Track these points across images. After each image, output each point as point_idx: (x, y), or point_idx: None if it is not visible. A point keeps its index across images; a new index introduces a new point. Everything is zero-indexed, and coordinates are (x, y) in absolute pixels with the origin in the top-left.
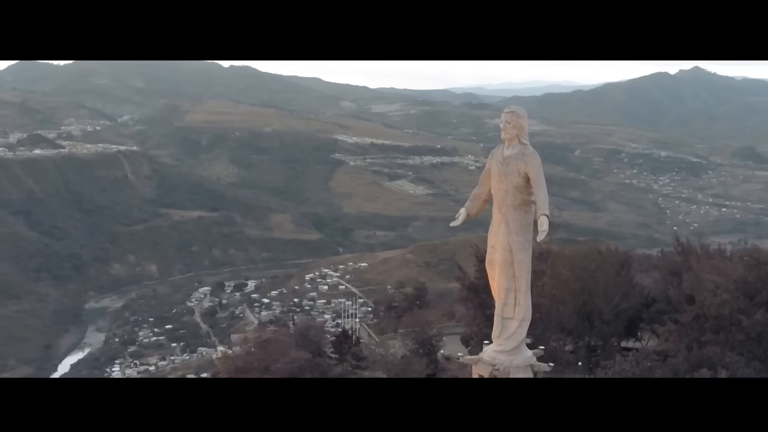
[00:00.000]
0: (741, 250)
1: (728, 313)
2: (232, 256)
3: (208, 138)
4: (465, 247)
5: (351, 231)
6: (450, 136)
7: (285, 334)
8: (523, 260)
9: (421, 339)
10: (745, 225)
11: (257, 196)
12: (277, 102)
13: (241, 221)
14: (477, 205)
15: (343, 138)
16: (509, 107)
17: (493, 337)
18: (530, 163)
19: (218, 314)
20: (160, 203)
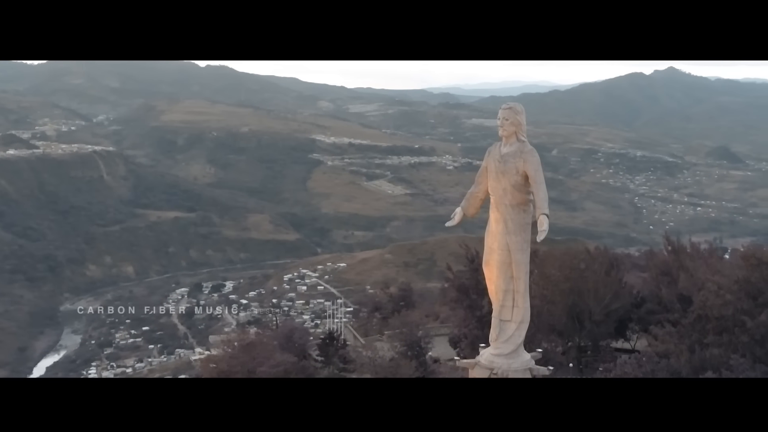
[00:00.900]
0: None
1: (731, 314)
2: (209, 257)
3: (184, 138)
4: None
5: (329, 231)
6: (428, 136)
7: (269, 337)
8: (521, 261)
9: (410, 341)
10: (720, 224)
11: (234, 196)
12: (255, 102)
13: (219, 222)
14: (473, 205)
15: (320, 138)
16: (507, 103)
17: (491, 340)
18: (529, 161)
19: (196, 315)
20: (137, 204)
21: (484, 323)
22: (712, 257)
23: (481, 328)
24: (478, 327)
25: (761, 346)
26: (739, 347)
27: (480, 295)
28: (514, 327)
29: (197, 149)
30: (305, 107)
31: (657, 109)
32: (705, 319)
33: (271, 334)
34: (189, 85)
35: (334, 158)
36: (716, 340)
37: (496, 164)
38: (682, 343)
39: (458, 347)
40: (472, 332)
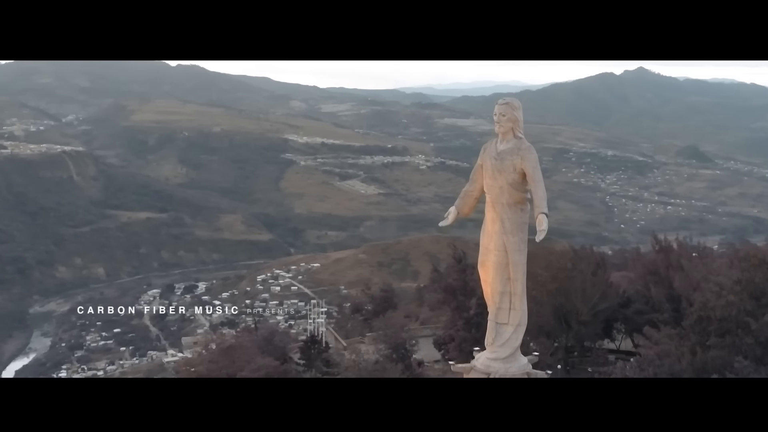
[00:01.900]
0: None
1: (734, 315)
2: (181, 258)
3: (155, 138)
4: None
5: (302, 231)
6: (400, 135)
7: (248, 340)
8: (518, 262)
9: (395, 343)
10: (690, 222)
11: (207, 196)
12: (226, 101)
13: (191, 222)
14: (468, 204)
15: (293, 138)
16: (503, 98)
17: (487, 344)
18: (527, 158)
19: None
20: (107, 204)
21: (472, 325)
22: (707, 257)
23: (468, 330)
24: (466, 329)
25: (766, 348)
26: (743, 349)
27: (467, 297)
28: (510, 330)
29: (168, 149)
30: (277, 107)
31: (627, 109)
32: (706, 321)
33: (250, 337)
34: (160, 84)
35: (306, 158)
36: (719, 342)
37: (493, 162)
38: (683, 345)
39: (443, 349)
40: (460, 334)
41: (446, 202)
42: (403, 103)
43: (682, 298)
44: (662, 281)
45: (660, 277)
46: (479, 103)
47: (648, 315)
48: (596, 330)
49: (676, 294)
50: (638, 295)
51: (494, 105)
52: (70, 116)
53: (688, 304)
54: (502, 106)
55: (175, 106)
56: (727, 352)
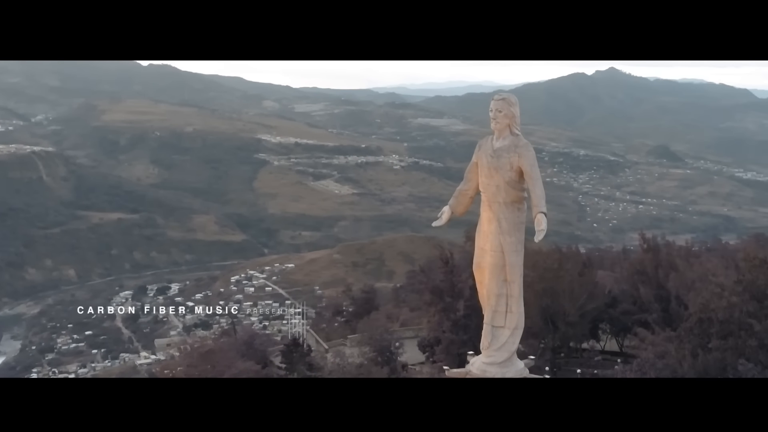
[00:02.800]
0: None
1: (737, 317)
2: (154, 259)
3: (127, 138)
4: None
5: (276, 232)
6: (374, 135)
7: (228, 344)
8: (515, 263)
9: (380, 346)
10: (661, 221)
11: (179, 197)
12: (199, 101)
13: (163, 223)
14: (463, 203)
15: (266, 138)
16: (499, 94)
17: (482, 348)
18: (524, 156)
19: (141, 319)
20: (78, 205)
21: (460, 327)
22: (697, 256)
23: (456, 332)
24: (453, 331)
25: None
26: (746, 352)
27: (455, 298)
28: (507, 333)
29: (140, 149)
30: (250, 107)
31: (599, 109)
32: (707, 322)
33: (229, 340)
34: (131, 84)
35: (280, 158)
36: (721, 344)
37: (489, 159)
38: (683, 347)
39: (428, 351)
40: (447, 336)
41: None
42: (376, 103)
43: (671, 298)
44: (650, 281)
45: (648, 276)
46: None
47: (636, 315)
48: (583, 331)
49: (665, 294)
50: (624, 295)
51: (467, 105)
52: (39, 116)
53: (677, 304)
54: (499, 101)
55: (146, 105)
56: (730, 354)
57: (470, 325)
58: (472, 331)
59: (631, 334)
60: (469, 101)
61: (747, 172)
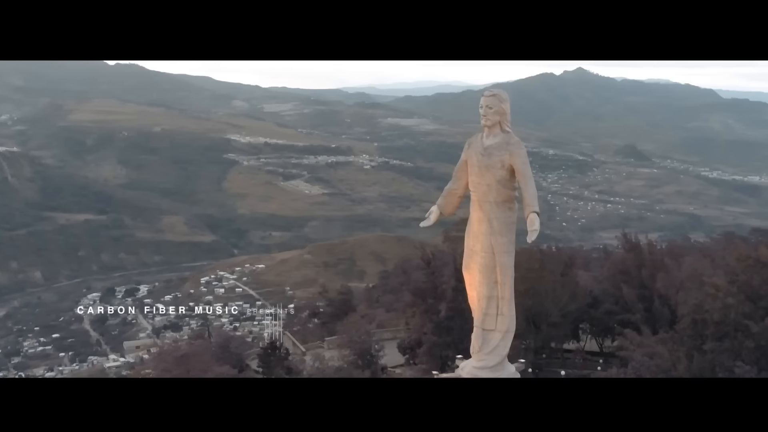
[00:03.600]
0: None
1: (733, 318)
2: (122, 260)
3: (94, 138)
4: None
5: (246, 232)
6: (344, 135)
7: (203, 347)
8: (506, 264)
9: (360, 349)
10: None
11: (148, 197)
12: (167, 101)
13: (132, 224)
14: (451, 203)
15: (236, 138)
16: (490, 90)
17: (473, 352)
18: (516, 154)
19: (109, 321)
20: (44, 206)
21: (443, 329)
22: (683, 255)
23: (438, 334)
24: (436, 333)
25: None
26: (743, 353)
27: (437, 300)
28: (498, 337)
29: (108, 150)
30: (219, 107)
31: (567, 109)
32: (701, 324)
33: (203, 343)
34: (98, 83)
35: (249, 158)
36: (716, 346)
37: (479, 158)
38: (677, 349)
39: (408, 354)
40: (429, 338)
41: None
42: (346, 103)
43: (654, 298)
44: (633, 281)
45: (631, 276)
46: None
47: (619, 316)
48: (565, 331)
49: (648, 294)
50: (605, 295)
51: (437, 105)
52: (3, 116)
53: (661, 304)
54: (489, 98)
55: (114, 105)
56: (726, 356)
57: (453, 327)
58: (455, 333)
59: (614, 334)
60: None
61: (713, 171)
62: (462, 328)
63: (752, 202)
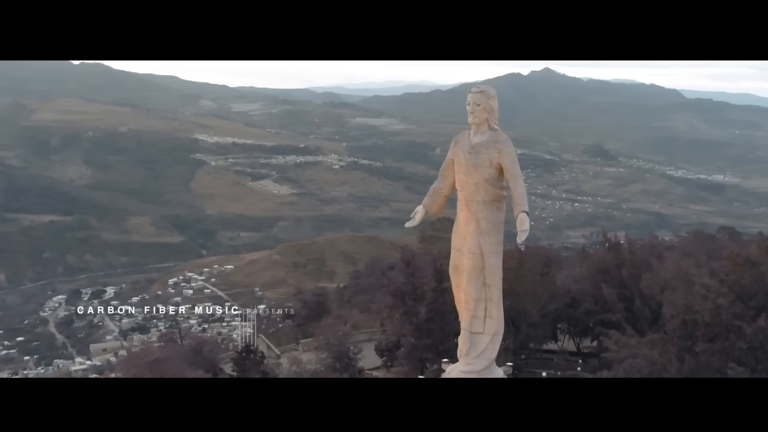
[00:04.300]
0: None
1: (724, 318)
2: (88, 262)
3: (59, 138)
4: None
5: (214, 233)
6: (313, 135)
7: (175, 351)
8: (495, 265)
9: (338, 352)
10: (596, 219)
11: (114, 198)
12: (133, 101)
13: (97, 225)
14: (437, 202)
15: (203, 137)
16: (477, 86)
17: (460, 356)
18: (504, 152)
19: (75, 323)
20: (7, 207)
21: (423, 331)
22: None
23: (419, 337)
24: (416, 335)
25: (760, 353)
26: (735, 355)
27: (417, 301)
28: (487, 340)
29: (73, 150)
30: (186, 106)
31: (534, 109)
32: (692, 325)
33: (174, 347)
34: (62, 83)
35: (217, 158)
36: (708, 347)
37: (466, 156)
38: (668, 351)
39: (386, 356)
40: (409, 340)
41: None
42: (314, 103)
43: (635, 298)
44: (613, 280)
45: (611, 276)
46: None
47: (599, 316)
48: (545, 332)
49: (628, 293)
50: (584, 295)
51: (405, 104)
52: None
53: (642, 303)
54: (477, 94)
55: (79, 105)
56: (718, 358)
57: (433, 329)
58: (435, 336)
59: (594, 334)
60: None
61: (678, 170)
62: (442, 330)
63: (716, 200)
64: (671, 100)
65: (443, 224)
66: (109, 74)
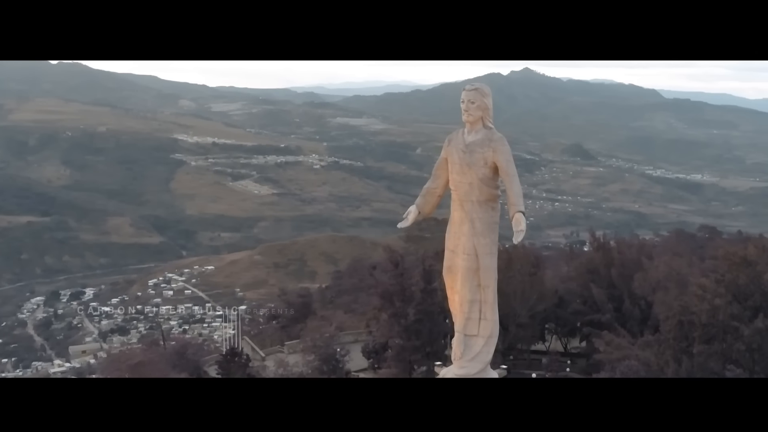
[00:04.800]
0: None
1: (721, 320)
2: (66, 263)
3: (36, 138)
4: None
5: (195, 233)
6: (293, 135)
7: (158, 354)
8: (489, 266)
9: (325, 354)
10: (576, 218)
11: (93, 198)
12: (112, 100)
13: (76, 226)
14: (430, 202)
15: (183, 137)
16: (471, 84)
17: (454, 359)
18: (499, 151)
19: (54, 325)
20: None
21: (411, 332)
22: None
23: (407, 338)
24: (404, 337)
25: (759, 355)
26: (734, 356)
27: (405, 302)
28: (481, 343)
29: (51, 150)
30: (166, 106)
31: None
32: (688, 326)
33: (158, 350)
34: (40, 82)
35: (197, 158)
36: (705, 349)
37: (461, 155)
38: (664, 353)
39: (373, 358)
40: (397, 342)
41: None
42: (295, 102)
43: (624, 298)
44: (602, 280)
45: (600, 276)
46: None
47: (588, 316)
48: (534, 332)
49: (617, 293)
50: (572, 295)
51: (386, 104)
52: None
53: (631, 304)
54: (471, 92)
55: (57, 105)
56: (715, 359)
57: (422, 331)
58: (424, 337)
59: (582, 335)
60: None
61: (656, 170)
62: (431, 332)
63: (695, 199)
64: (650, 100)
65: (429, 224)
66: (87, 74)
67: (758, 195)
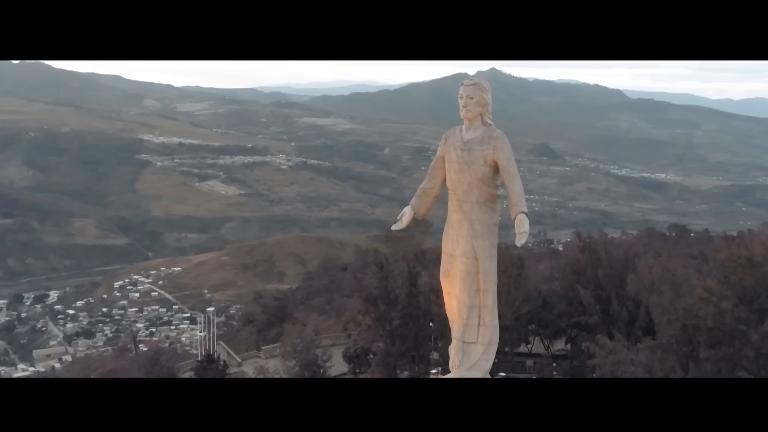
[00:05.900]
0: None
1: (728, 323)
2: (30, 266)
3: None
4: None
5: (161, 234)
6: (260, 135)
7: (130, 361)
8: (489, 270)
9: (306, 359)
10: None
11: (56, 200)
12: (75, 100)
13: (39, 227)
14: (426, 203)
15: (148, 138)
16: (470, 79)
17: (452, 367)
18: (500, 149)
19: (17, 329)
20: None
21: (396, 337)
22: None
23: (392, 343)
24: (389, 341)
25: (762, 361)
26: (742, 361)
27: (390, 306)
28: (480, 350)
29: (13, 151)
30: (130, 106)
31: None
32: (692, 330)
33: (130, 356)
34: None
35: (163, 159)
36: (712, 354)
37: (459, 153)
38: (668, 358)
39: (354, 362)
40: (381, 347)
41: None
42: (261, 102)
43: (612, 299)
44: (588, 281)
45: (586, 277)
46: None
47: (575, 318)
48: (519, 334)
49: (604, 294)
50: (556, 296)
51: (353, 104)
52: None
53: (619, 305)
54: (470, 87)
55: (18, 104)
56: (724, 365)
57: (407, 335)
58: (409, 342)
59: (568, 337)
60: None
61: (621, 169)
62: (416, 336)
63: (659, 198)
64: (614, 100)
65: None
66: (49, 73)
67: (721, 193)
